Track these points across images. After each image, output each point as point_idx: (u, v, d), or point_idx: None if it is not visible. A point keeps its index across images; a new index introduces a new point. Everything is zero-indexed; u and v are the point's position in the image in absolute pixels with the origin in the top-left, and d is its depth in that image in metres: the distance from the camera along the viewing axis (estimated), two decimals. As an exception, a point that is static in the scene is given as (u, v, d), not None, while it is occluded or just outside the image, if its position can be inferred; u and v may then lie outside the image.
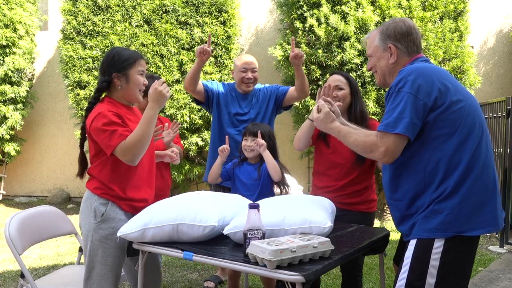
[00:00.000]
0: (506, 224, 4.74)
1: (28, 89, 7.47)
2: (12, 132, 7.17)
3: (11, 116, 7.04)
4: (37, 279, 2.48)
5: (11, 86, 7.09)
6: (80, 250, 2.75)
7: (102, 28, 6.18)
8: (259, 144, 2.66)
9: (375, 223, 5.77)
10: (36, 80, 8.00)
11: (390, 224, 5.69)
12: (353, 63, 5.29)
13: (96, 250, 2.13)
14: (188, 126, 5.87)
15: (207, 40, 3.08)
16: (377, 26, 4.51)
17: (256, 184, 2.73)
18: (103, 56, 5.99)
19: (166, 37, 6.01)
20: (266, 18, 7.19)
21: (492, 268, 4.04)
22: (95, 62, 6.17)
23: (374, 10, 5.37)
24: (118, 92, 2.20)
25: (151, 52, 5.97)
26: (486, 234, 1.81)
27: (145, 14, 6.10)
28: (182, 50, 6.02)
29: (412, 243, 1.71)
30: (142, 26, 6.12)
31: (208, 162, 3.31)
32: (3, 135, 7.00)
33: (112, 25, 6.16)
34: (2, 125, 7.02)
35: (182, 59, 5.97)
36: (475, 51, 6.48)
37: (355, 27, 5.30)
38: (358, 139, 1.79)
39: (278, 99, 3.29)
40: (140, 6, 6.13)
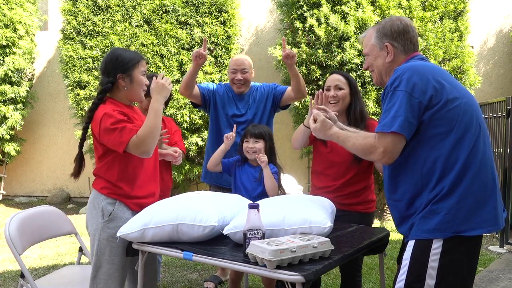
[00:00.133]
0: (506, 224, 4.74)
1: (28, 89, 7.48)
2: (12, 132, 7.17)
3: (11, 116, 7.05)
4: (37, 279, 2.48)
5: (11, 86, 7.09)
6: (80, 250, 2.75)
7: (102, 28, 6.18)
8: (260, 160, 2.62)
9: (375, 223, 5.80)
10: (36, 80, 8.00)
11: (390, 224, 5.69)
12: (353, 63, 5.29)
13: (104, 249, 2.16)
14: (188, 126, 5.87)
15: (206, 38, 3.07)
16: (377, 26, 4.51)
17: (257, 185, 2.73)
18: (103, 56, 6.04)
19: (166, 37, 6.01)
20: (266, 18, 7.19)
21: (492, 268, 4.04)
22: (95, 62, 6.17)
23: (374, 10, 5.37)
24: (121, 92, 2.23)
25: (151, 52, 5.97)
26: (486, 234, 1.77)
27: (145, 14, 6.10)
28: (182, 50, 6.02)
29: (410, 244, 1.70)
30: (142, 26, 6.12)
31: (204, 163, 3.28)
32: (3, 135, 7.00)
33: (112, 25, 6.16)
34: (2, 125, 7.03)
35: (182, 59, 5.97)
36: (475, 51, 6.48)
37: (355, 27, 5.30)
38: (356, 143, 1.78)
39: (275, 99, 3.26)
40: (140, 6, 6.13)
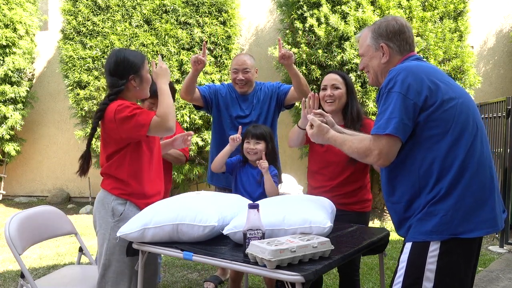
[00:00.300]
0: (506, 224, 4.74)
1: (28, 89, 7.48)
2: (12, 132, 7.18)
3: (11, 116, 7.05)
4: (37, 279, 2.48)
5: (11, 86, 7.09)
6: (80, 250, 2.76)
7: (102, 28, 6.18)
8: (261, 166, 2.61)
9: (375, 223, 5.80)
10: (36, 80, 8.00)
11: (390, 224, 5.68)
12: (353, 63, 5.29)
13: (114, 248, 2.19)
14: (188, 126, 5.87)
15: (205, 42, 3.03)
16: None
17: (257, 187, 2.72)
18: (103, 56, 6.08)
19: (166, 37, 6.01)
20: (266, 18, 7.19)
21: (492, 268, 4.04)
22: (95, 62, 6.17)
23: (374, 10, 5.37)
24: (131, 92, 2.27)
25: (151, 52, 5.97)
26: (484, 235, 1.74)
27: (145, 14, 6.10)
28: (182, 50, 6.02)
29: (407, 246, 1.68)
30: (142, 26, 6.12)
31: (209, 165, 3.19)
32: (3, 135, 7.01)
33: (112, 25, 6.16)
34: (2, 125, 7.03)
35: (182, 59, 5.97)
36: (475, 51, 6.48)
37: (355, 27, 5.30)
38: (352, 146, 1.77)
39: (279, 99, 3.21)
40: (140, 6, 6.13)
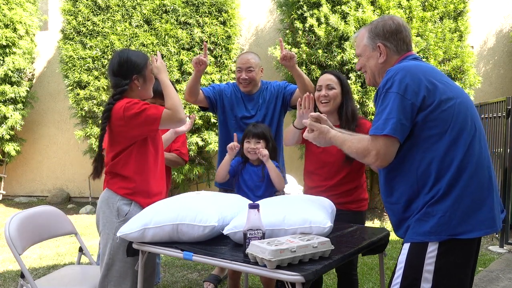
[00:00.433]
0: (506, 224, 4.73)
1: (28, 89, 7.48)
2: (12, 132, 7.18)
3: (11, 116, 7.05)
4: (37, 279, 2.48)
5: (11, 86, 7.10)
6: (80, 250, 2.75)
7: (102, 28, 6.18)
8: (261, 154, 2.62)
9: (375, 223, 5.80)
10: (36, 80, 8.00)
11: (390, 224, 5.67)
12: (353, 63, 5.29)
13: (118, 248, 2.20)
14: (188, 126, 5.87)
15: (206, 43, 3.01)
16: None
17: (260, 185, 2.72)
18: (103, 56, 6.09)
19: (166, 37, 6.01)
20: (266, 18, 7.19)
21: (492, 268, 4.04)
22: (95, 62, 6.17)
23: (374, 10, 5.37)
24: (134, 92, 2.27)
25: (151, 52, 5.97)
26: (483, 236, 1.73)
27: (145, 14, 6.10)
28: (182, 50, 6.02)
29: (405, 247, 1.67)
30: (142, 26, 6.12)
31: (217, 167, 3.14)
32: (3, 135, 7.01)
33: (112, 25, 6.16)
34: (2, 125, 7.03)
35: (182, 59, 5.97)
36: (475, 51, 6.48)
37: (355, 27, 5.30)
38: (352, 146, 1.75)
39: (285, 99, 3.17)
40: (140, 6, 6.13)
